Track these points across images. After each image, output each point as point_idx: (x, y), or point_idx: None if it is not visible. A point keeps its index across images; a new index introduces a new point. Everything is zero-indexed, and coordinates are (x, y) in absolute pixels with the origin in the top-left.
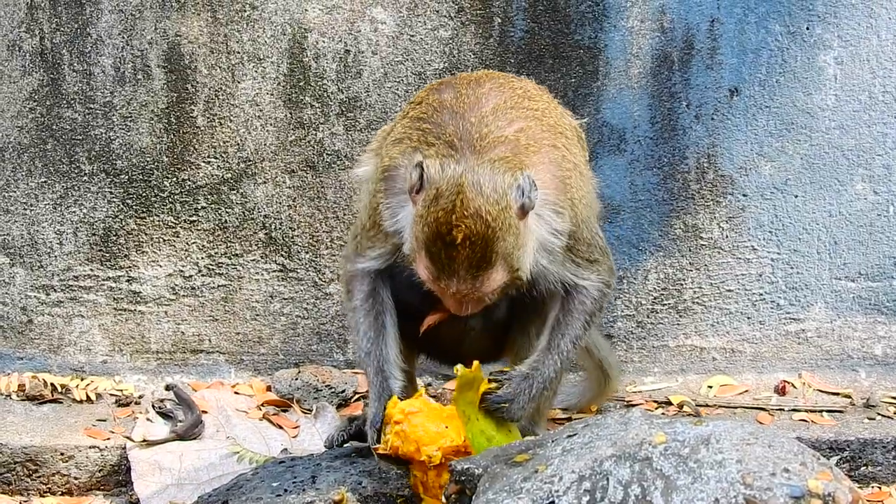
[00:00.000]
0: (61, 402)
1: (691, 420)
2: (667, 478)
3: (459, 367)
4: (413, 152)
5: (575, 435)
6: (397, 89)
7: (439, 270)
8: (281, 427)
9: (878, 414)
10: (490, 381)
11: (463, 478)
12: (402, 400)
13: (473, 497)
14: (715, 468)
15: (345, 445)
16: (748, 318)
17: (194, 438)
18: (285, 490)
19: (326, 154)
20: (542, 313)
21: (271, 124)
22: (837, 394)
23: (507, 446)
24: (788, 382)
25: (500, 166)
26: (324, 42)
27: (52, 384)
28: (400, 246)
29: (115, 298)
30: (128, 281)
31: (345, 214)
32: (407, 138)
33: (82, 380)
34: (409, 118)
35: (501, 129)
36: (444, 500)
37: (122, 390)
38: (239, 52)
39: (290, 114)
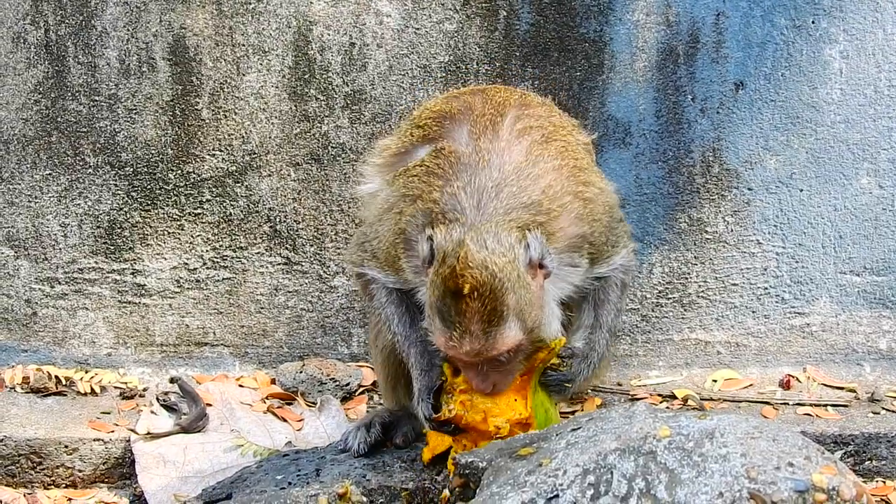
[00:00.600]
0: (65, 395)
1: (695, 414)
2: (671, 471)
3: None
4: (423, 217)
5: (579, 428)
6: (402, 82)
7: (450, 329)
8: (285, 420)
9: (883, 408)
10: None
11: (467, 471)
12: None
13: (477, 490)
14: (719, 462)
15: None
16: (753, 312)
17: (199, 431)
18: (289, 483)
19: (331, 147)
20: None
21: (276, 117)
22: (842, 388)
23: (512, 440)
24: (793, 377)
25: (508, 226)
26: (329, 35)
27: (56, 377)
28: (416, 283)
29: (119, 291)
30: (132, 274)
31: (349, 208)
32: (419, 203)
33: (87, 372)
34: (423, 168)
35: (523, 193)
36: (448, 492)
37: (126, 383)
38: (244, 45)
39: (295, 106)
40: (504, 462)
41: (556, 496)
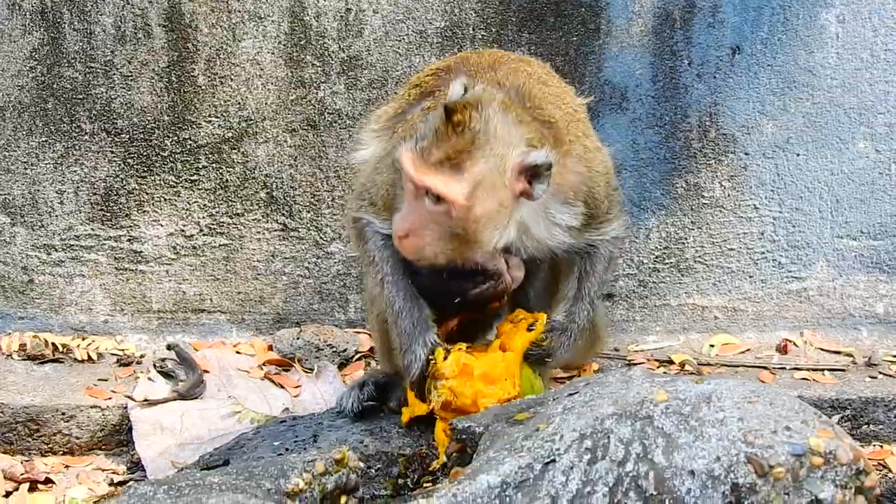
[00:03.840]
0: (62, 362)
1: (692, 378)
2: (668, 436)
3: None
4: None
5: (576, 393)
6: (398, 48)
7: (416, 140)
8: (282, 386)
9: (880, 373)
10: (530, 330)
11: (464, 436)
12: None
13: (474, 455)
14: (716, 426)
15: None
16: (750, 276)
17: (196, 398)
18: (286, 449)
19: (328, 113)
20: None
21: (272, 83)
22: (839, 352)
23: (508, 405)
24: (790, 341)
25: (524, 128)
26: (325, 1)
27: (53, 344)
28: None
29: (116, 258)
30: (129, 240)
31: (346, 174)
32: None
33: (83, 339)
34: (424, 112)
35: (539, 110)
36: (445, 458)
37: (123, 350)
38: (240, 11)
39: (291, 73)
40: (501, 427)
41: (553, 461)
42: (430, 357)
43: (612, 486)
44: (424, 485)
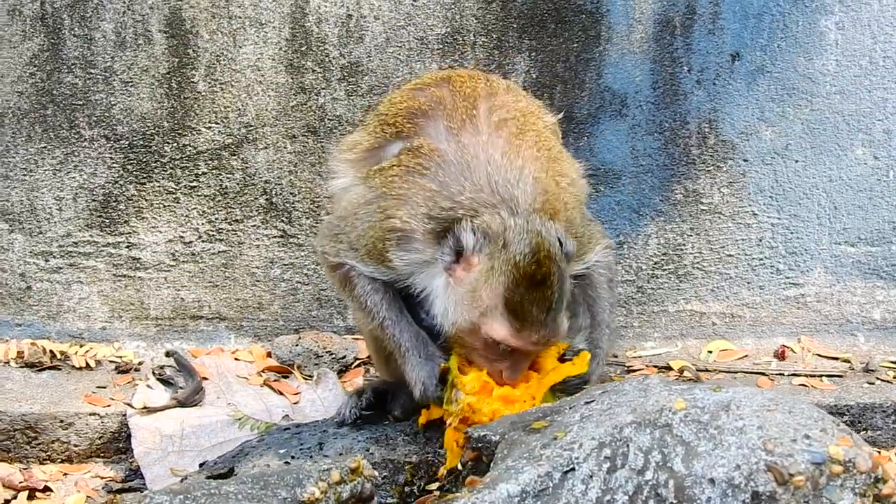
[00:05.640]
0: (60, 369)
1: (710, 386)
2: (687, 444)
3: None
4: (427, 220)
5: (593, 402)
6: (399, 54)
7: (522, 319)
8: (282, 393)
9: (878, 378)
10: (563, 359)
11: (480, 444)
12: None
13: (491, 464)
14: (736, 434)
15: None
16: (748, 282)
17: (195, 405)
18: (292, 457)
19: (328, 119)
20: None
21: (273, 89)
22: (837, 358)
23: (524, 413)
24: (788, 347)
25: (542, 216)
26: (326, 6)
27: (51, 351)
28: (402, 276)
29: (114, 265)
30: (127, 247)
31: None
32: (413, 201)
33: (81, 346)
34: (403, 168)
35: (518, 180)
36: (460, 466)
37: (121, 357)
38: (241, 17)
39: (292, 79)
40: (518, 435)
41: (573, 469)
42: (446, 364)
43: (631, 495)
44: (434, 492)
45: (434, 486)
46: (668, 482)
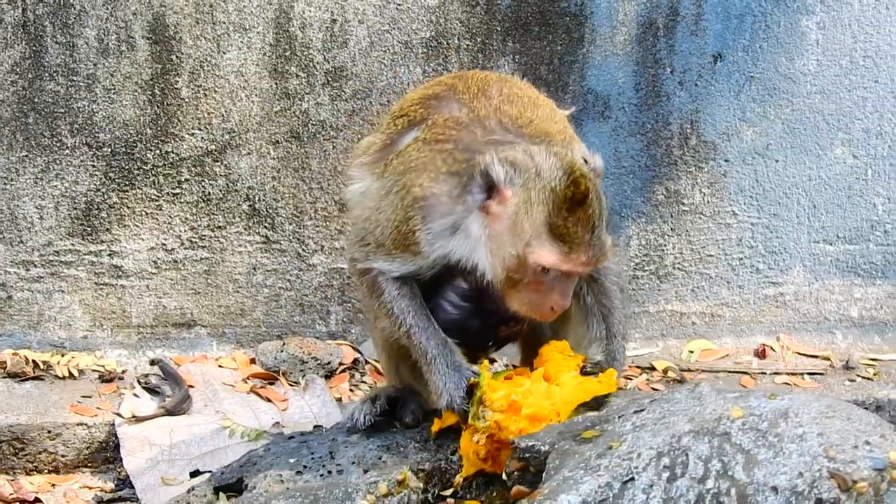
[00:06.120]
0: (43, 379)
1: (764, 394)
2: (747, 452)
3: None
4: (448, 177)
5: (643, 410)
6: (383, 58)
7: (568, 241)
8: (270, 400)
9: (858, 376)
10: (585, 372)
11: (527, 454)
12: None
13: (545, 474)
14: (796, 442)
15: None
16: (728, 282)
17: (183, 413)
18: (305, 466)
19: (311, 124)
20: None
21: (256, 95)
22: (816, 356)
23: (570, 422)
24: (767, 346)
25: (561, 140)
26: (310, 11)
27: (33, 361)
28: (428, 263)
29: (96, 273)
30: (109, 255)
31: (329, 185)
32: (432, 165)
33: (63, 356)
34: (419, 143)
35: (530, 124)
36: (505, 476)
37: (103, 366)
38: (224, 23)
39: (276, 84)
40: (569, 445)
41: (632, 479)
42: (475, 379)
43: None
44: (448, 499)
45: (448, 492)
46: (731, 490)
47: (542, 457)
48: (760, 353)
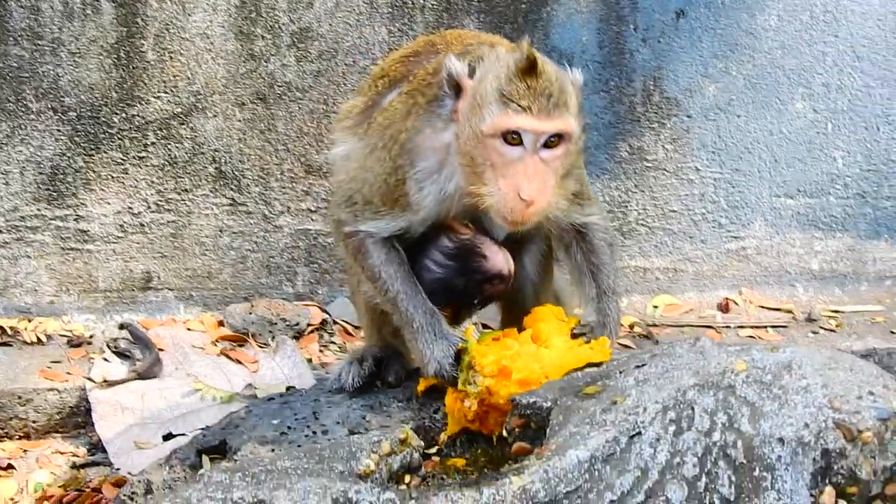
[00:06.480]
0: (11, 345)
1: (766, 347)
2: (752, 405)
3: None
4: (429, 108)
5: (644, 365)
6: (349, 19)
7: (519, 100)
8: (240, 362)
9: (821, 328)
10: (574, 335)
11: (529, 411)
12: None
13: (548, 430)
14: (801, 394)
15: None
16: (690, 237)
17: (154, 377)
18: (289, 427)
19: (277, 86)
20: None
21: (222, 57)
22: (779, 309)
23: (570, 378)
24: (730, 300)
25: None
26: None
27: (0, 327)
28: (418, 218)
29: (62, 238)
30: (75, 220)
31: (295, 147)
32: (415, 107)
33: (30, 321)
34: (402, 97)
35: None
36: (505, 433)
37: (71, 330)
38: None
39: (241, 46)
40: (571, 401)
41: (639, 433)
42: (463, 345)
43: (700, 457)
44: (433, 457)
45: (433, 450)
46: (737, 443)
47: (543, 413)
48: (724, 307)
